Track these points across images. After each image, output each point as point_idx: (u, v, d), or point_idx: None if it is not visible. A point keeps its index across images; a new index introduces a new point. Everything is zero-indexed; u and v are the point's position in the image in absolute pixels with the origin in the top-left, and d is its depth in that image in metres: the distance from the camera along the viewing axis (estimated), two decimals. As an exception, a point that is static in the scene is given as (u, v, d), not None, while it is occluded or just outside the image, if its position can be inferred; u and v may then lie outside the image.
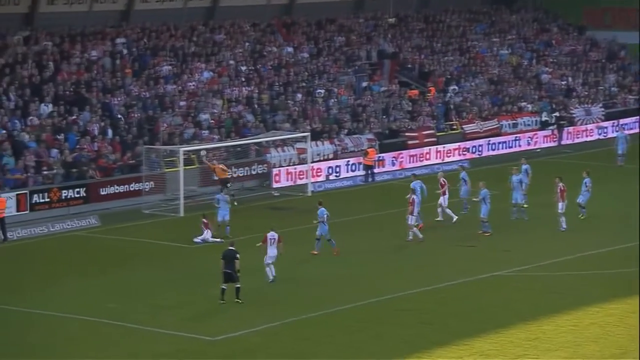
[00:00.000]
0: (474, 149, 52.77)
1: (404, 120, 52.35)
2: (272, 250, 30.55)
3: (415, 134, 51.73)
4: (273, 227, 31.11)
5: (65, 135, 42.53)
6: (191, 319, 27.95)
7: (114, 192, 41.52)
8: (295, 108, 49.91)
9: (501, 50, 61.66)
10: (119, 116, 45.01)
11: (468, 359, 24.96)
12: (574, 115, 57.41)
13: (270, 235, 30.81)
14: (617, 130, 52.88)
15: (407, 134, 51.60)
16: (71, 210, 39.85)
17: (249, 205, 41.48)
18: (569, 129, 56.33)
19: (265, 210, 41.57)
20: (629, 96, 60.76)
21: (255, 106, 49.10)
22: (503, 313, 28.25)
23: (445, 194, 38.44)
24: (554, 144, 55.40)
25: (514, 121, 55.72)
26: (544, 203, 37.78)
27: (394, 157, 49.49)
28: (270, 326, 27.17)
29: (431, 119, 53.20)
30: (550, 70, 61.15)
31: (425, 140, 51.76)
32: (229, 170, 41.73)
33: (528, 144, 54.58)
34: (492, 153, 53.20)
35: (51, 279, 32.00)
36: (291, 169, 46.18)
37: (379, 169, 48.25)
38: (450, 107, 54.69)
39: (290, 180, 45.77)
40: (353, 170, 47.89)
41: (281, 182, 45.59)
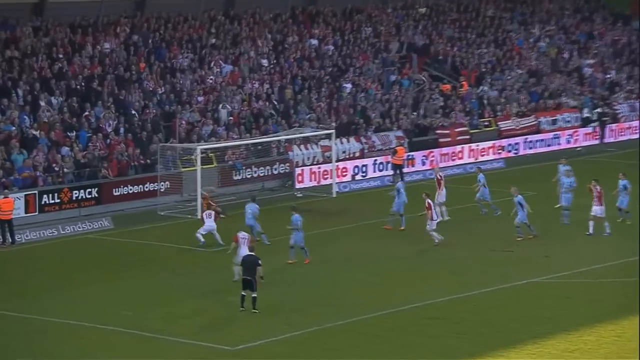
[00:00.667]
0: (509, 147, 52.69)
1: (435, 116, 52.36)
2: (243, 250, 30.72)
3: (447, 131, 51.73)
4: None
5: (76, 132, 42.86)
6: (209, 327, 28.11)
7: (128, 193, 41.79)
8: (320, 103, 50.03)
9: (540, 41, 61.52)
10: (133, 112, 45.30)
11: (503, 371, 25.01)
12: (618, 111, 57.20)
13: (242, 235, 31.30)
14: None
15: (439, 131, 51.61)
16: (82, 212, 40.14)
17: (270, 207, 41.61)
18: (612, 126, 56.14)
19: (287, 212, 41.66)
20: (677, 91, 60.52)
21: (275, 102, 49.24)
22: (541, 322, 28.21)
23: (442, 190, 38.79)
24: (596, 142, 55.22)
25: (553, 118, 55.60)
26: (586, 205, 37.64)
27: (424, 156, 49.52)
28: (293, 335, 27.26)
29: (464, 115, 53.19)
30: (592, 63, 60.94)
31: (457, 138, 51.76)
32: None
33: (568, 142, 54.46)
34: (530, 152, 53.11)
35: (61, 284, 32.27)
36: (315, 168, 46.30)
37: (408, 168, 48.29)
38: (484, 103, 54.63)
39: (314, 180, 45.89)
40: (381, 170, 47.95)
41: (304, 183, 45.72)
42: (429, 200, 35.76)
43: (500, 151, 52.01)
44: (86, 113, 43.93)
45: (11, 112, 42.11)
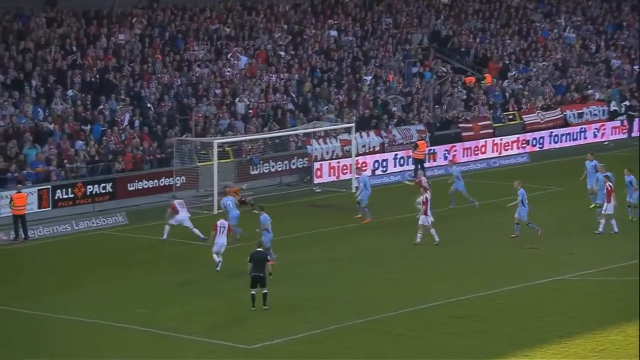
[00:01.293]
0: (534, 141, 52.49)
1: (458, 110, 52.20)
2: (221, 238, 31.85)
3: (470, 125, 51.57)
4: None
5: (90, 125, 42.96)
6: (225, 325, 28.12)
7: (143, 188, 41.86)
8: (339, 96, 49.96)
9: (565, 33, 61.23)
10: (149, 105, 45.36)
11: (528, 371, 24.92)
12: (646, 104, 56.86)
13: (220, 223, 32.25)
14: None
15: (461, 125, 51.46)
16: (97, 207, 40.23)
17: (288, 203, 41.60)
18: (641, 119, 55.85)
19: (305, 208, 41.70)
20: None
21: (293, 95, 49.21)
22: (566, 321, 28.08)
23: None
24: (624, 136, 54.92)
25: (579, 111, 55.33)
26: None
27: (446, 150, 49.38)
28: (312, 334, 27.24)
29: (487, 109, 53.01)
30: (620, 55, 60.60)
31: (480, 132, 51.60)
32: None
33: (595, 136, 54.18)
34: (555, 146, 52.88)
35: (75, 281, 32.35)
36: (334, 162, 46.24)
37: (430, 163, 48.16)
38: (507, 96, 54.43)
39: (333, 175, 45.84)
40: (401, 165, 47.86)
41: (323, 177, 45.68)
42: (427, 196, 35.57)
43: (524, 145, 51.81)
44: (100, 106, 44.02)
45: (24, 105, 42.24)
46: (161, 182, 42.21)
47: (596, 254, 34.43)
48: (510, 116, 53.42)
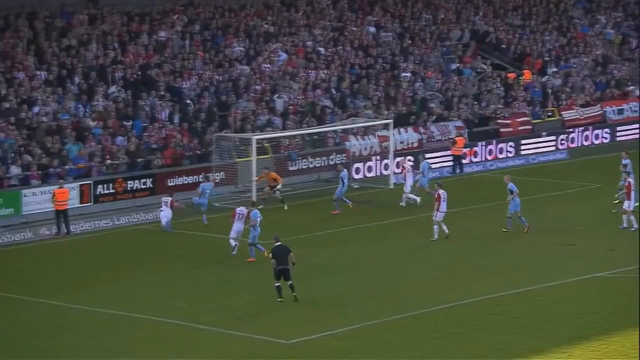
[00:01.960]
0: (573, 137, 52.07)
1: (497, 106, 51.94)
2: (238, 225, 33.10)
3: (509, 121, 51.29)
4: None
5: (132, 121, 43.19)
6: (264, 320, 28.15)
7: (182, 183, 41.99)
8: (378, 93, 49.87)
9: (605, 28, 60.68)
10: (188, 101, 45.53)
11: (567, 368, 24.75)
12: (687, 100, 56.26)
13: (239, 210, 33.45)
14: None
15: (500, 122, 51.19)
16: (137, 203, 40.42)
17: (326, 199, 41.57)
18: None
19: (343, 204, 41.64)
20: None
21: (333, 91, 49.19)
22: (605, 318, 27.87)
23: (409, 179, 40.13)
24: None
25: (619, 107, 54.81)
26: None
27: (485, 147, 49.15)
28: (350, 329, 27.21)
29: (526, 105, 52.68)
30: (661, 51, 60.00)
31: (519, 128, 51.30)
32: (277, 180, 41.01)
33: (635, 133, 53.62)
34: (595, 142, 52.45)
35: (115, 276, 32.53)
36: (373, 158, 46.14)
37: (468, 159, 47.97)
38: (547, 92, 54.06)
39: (371, 171, 45.74)
40: (440, 161, 47.68)
41: (361, 173, 45.60)
42: (441, 191, 35.41)
43: (563, 142, 51.44)
44: (141, 102, 44.23)
45: (66, 102, 42.55)
46: (200, 178, 42.28)
47: (636, 251, 34.07)
48: (549, 113, 53.04)
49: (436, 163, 46.99)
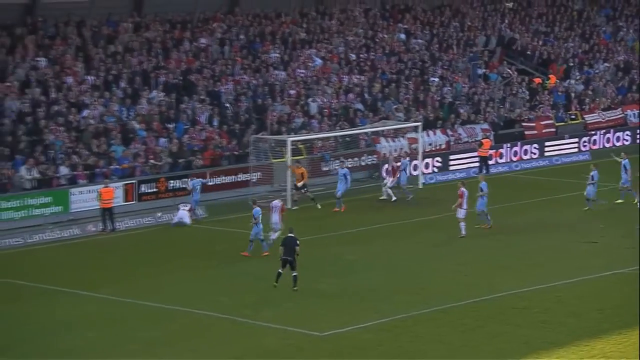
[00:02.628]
0: (595, 140, 51.81)
1: (523, 109, 51.79)
2: (275, 217, 33.73)
3: (533, 124, 51.12)
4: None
5: (174, 124, 43.47)
6: (298, 313, 28.24)
7: (221, 183, 42.23)
8: (407, 97, 49.87)
9: (627, 35, 60.26)
10: (227, 105, 45.75)
11: (588, 361, 24.66)
12: None
13: (274, 203, 34.01)
14: None
15: (525, 124, 51.03)
16: (177, 201, 40.67)
17: (358, 198, 41.62)
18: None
19: (374, 203, 41.71)
20: None
21: (365, 95, 49.26)
22: (626, 313, 27.67)
23: (395, 176, 40.91)
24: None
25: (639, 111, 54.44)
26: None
27: (510, 148, 49.01)
28: (380, 322, 27.27)
29: (550, 109, 52.49)
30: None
31: (543, 131, 51.12)
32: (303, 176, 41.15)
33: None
34: (616, 144, 52.14)
35: (157, 270, 32.75)
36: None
37: (494, 160, 47.85)
38: (570, 96, 53.83)
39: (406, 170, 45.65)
40: (466, 162, 47.60)
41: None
42: (464, 189, 35.39)
43: (586, 144, 51.20)
44: (183, 106, 44.51)
45: (112, 105, 42.90)
46: (238, 178, 42.55)
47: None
48: (573, 116, 52.81)
49: (463, 164, 46.98)
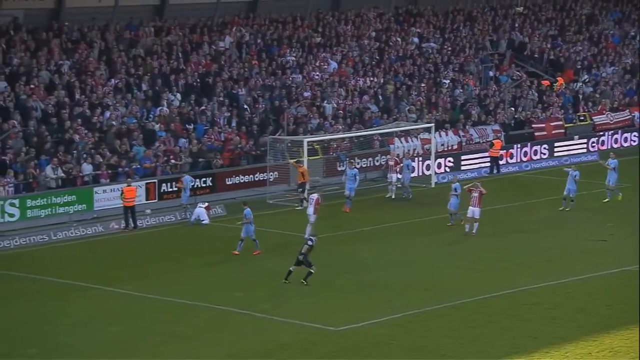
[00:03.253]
0: (603, 140, 51.66)
1: (532, 110, 51.70)
2: (309, 208, 34.70)
3: (543, 125, 51.03)
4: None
5: (194, 125, 43.58)
6: (314, 308, 28.29)
7: (240, 182, 42.31)
8: (420, 98, 49.86)
9: (635, 39, 60.06)
10: (245, 107, 45.84)
11: (597, 355, 24.56)
12: None
13: (312, 196, 35.07)
14: None
15: (535, 125, 50.94)
16: (198, 200, 40.72)
17: (372, 197, 41.63)
18: None
19: (387, 202, 41.71)
20: None
21: (380, 97, 49.26)
22: (634, 309, 27.57)
23: (397, 173, 41.14)
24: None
25: (647, 112, 54.31)
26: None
27: (520, 149, 48.93)
28: (393, 318, 27.28)
29: (559, 110, 52.38)
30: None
31: (553, 132, 51.02)
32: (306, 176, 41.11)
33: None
34: (624, 145, 52.01)
35: (178, 266, 32.85)
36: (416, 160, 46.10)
37: (505, 160, 47.78)
38: (579, 98, 53.72)
39: (414, 171, 45.65)
40: (478, 162, 47.55)
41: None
42: (481, 189, 35.31)
43: (594, 144, 51.07)
44: (202, 108, 44.62)
45: (133, 107, 43.05)
46: (256, 177, 42.63)
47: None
48: (582, 117, 52.69)
49: (475, 164, 46.94)
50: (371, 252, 33.89)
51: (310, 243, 30.03)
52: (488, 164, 47.04)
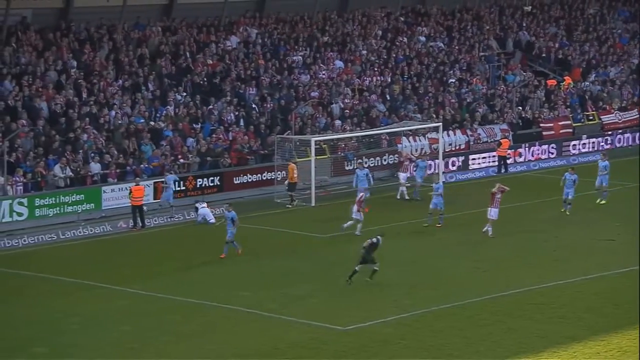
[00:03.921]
0: (611, 139, 51.57)
1: (540, 110, 51.62)
2: (353, 206, 35.14)
3: (551, 124, 50.94)
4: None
5: (201, 124, 43.60)
6: (323, 308, 28.28)
7: (247, 181, 42.33)
8: (428, 98, 49.80)
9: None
10: (253, 106, 45.85)
11: (605, 354, 24.50)
12: None
13: (360, 193, 35.72)
14: None
15: (543, 125, 50.86)
16: (206, 199, 40.76)
17: (380, 196, 41.61)
18: None
19: (395, 201, 41.68)
20: None
21: (387, 97, 49.22)
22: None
23: (406, 172, 41.11)
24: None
25: (655, 111, 54.18)
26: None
27: (528, 148, 48.86)
28: (401, 317, 27.26)
29: (566, 109, 52.27)
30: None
31: (561, 131, 50.92)
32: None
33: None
34: (632, 144, 51.89)
35: (186, 265, 32.89)
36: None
37: (513, 159, 47.71)
38: (586, 97, 53.61)
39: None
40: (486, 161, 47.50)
41: (409, 172, 45.45)
42: (504, 188, 35.26)
43: (602, 144, 50.97)
44: (210, 107, 44.63)
45: (141, 106, 43.08)
46: (264, 176, 42.64)
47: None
48: (590, 116, 52.59)
49: (483, 164, 46.88)
50: (379, 251, 33.81)
51: (374, 240, 29.82)
52: (496, 164, 46.91)
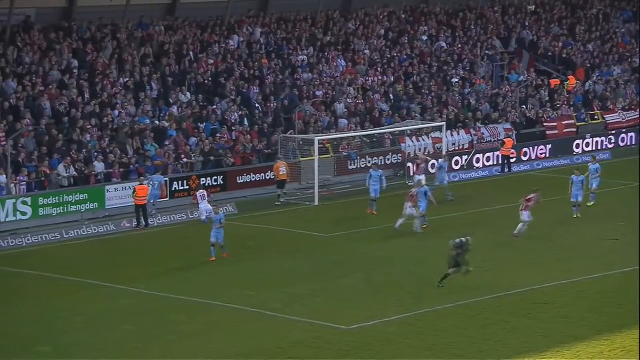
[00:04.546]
0: (615, 139, 51.59)
1: (543, 109, 51.62)
2: (406, 204, 34.73)
3: (555, 124, 50.93)
4: None
5: (205, 124, 43.65)
6: (325, 307, 28.31)
7: (251, 181, 42.38)
8: (430, 97, 49.83)
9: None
10: (256, 105, 45.90)
11: (609, 354, 24.52)
12: None
13: (412, 191, 35.44)
14: None
15: (546, 124, 50.86)
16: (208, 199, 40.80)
17: (384, 196, 41.60)
18: None
19: (400, 202, 41.64)
20: None
21: (391, 96, 49.25)
22: (643, 309, 27.62)
23: (421, 174, 40.65)
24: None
25: (659, 111, 54.17)
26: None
27: (532, 148, 48.89)
28: (404, 317, 27.29)
29: (570, 108, 52.27)
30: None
31: (565, 131, 50.92)
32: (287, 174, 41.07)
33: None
34: (634, 144, 51.90)
35: (190, 265, 32.93)
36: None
37: (516, 159, 47.74)
38: (590, 97, 53.61)
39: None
40: (489, 161, 47.47)
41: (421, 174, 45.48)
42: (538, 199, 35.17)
43: (606, 143, 50.98)
44: (213, 107, 44.69)
45: (145, 106, 43.14)
46: (267, 176, 42.67)
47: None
48: (594, 116, 52.59)
49: (486, 163, 46.91)
50: (383, 251, 33.90)
51: (462, 241, 29.62)
52: (500, 163, 46.93)
